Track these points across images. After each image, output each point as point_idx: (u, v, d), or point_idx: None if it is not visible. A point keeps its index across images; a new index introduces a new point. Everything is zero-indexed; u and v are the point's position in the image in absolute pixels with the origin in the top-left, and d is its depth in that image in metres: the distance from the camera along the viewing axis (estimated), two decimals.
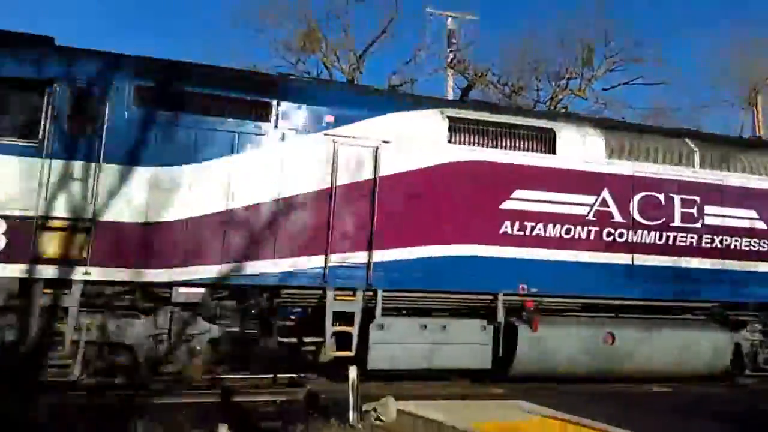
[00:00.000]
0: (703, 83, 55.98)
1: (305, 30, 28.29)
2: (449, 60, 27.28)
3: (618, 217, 11.85)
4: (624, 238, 11.82)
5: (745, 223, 12.70)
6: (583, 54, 31.11)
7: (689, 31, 52.69)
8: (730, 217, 12.57)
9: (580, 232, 11.55)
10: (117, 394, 9.38)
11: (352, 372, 8.48)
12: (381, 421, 8.47)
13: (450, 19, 26.81)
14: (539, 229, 11.35)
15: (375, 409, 8.58)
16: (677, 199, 12.25)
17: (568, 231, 11.50)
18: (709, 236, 12.36)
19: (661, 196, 12.17)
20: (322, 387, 10.61)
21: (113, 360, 9.87)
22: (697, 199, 12.36)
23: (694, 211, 12.30)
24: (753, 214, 12.75)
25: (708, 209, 12.41)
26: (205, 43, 49.04)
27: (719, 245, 12.44)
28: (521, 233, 11.27)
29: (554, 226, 11.42)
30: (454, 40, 27.49)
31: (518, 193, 11.36)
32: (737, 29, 50.24)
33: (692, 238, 12.23)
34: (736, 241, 12.54)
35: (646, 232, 11.94)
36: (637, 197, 12.03)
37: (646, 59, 30.48)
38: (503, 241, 11.18)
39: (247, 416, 8.72)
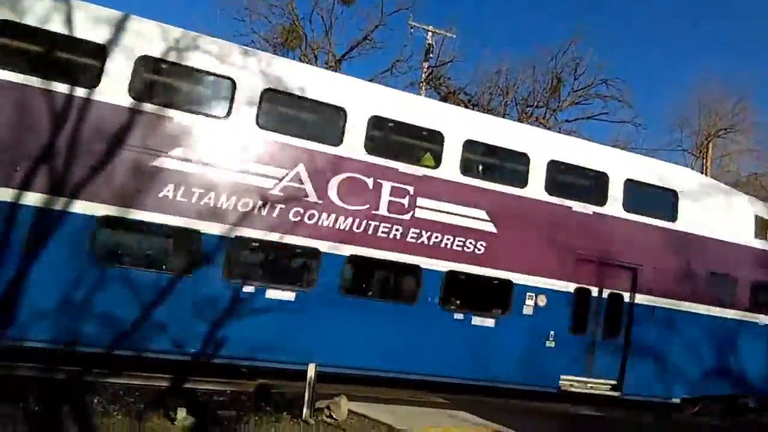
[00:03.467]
0: (661, 127, 58.45)
1: (288, 26, 28.47)
2: (425, 74, 27.85)
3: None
4: None
5: None
6: (551, 84, 32.23)
7: (658, 75, 54.95)
8: None
9: None
10: (69, 369, 9.44)
11: (311, 369, 8.81)
12: (333, 419, 8.83)
13: (430, 34, 27.37)
14: None
15: (328, 407, 8.94)
16: None
17: None
18: None
19: None
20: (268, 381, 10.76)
21: None
22: None
23: None
24: None
25: None
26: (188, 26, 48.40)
27: None
28: None
29: None
30: (431, 55, 28.10)
31: None
32: (707, 74, 52.89)
33: None
34: None
35: None
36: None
37: (611, 97, 31.75)
38: None
39: (202, 403, 8.92)
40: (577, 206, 12.35)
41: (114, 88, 9.60)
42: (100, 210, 9.44)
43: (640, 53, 54.16)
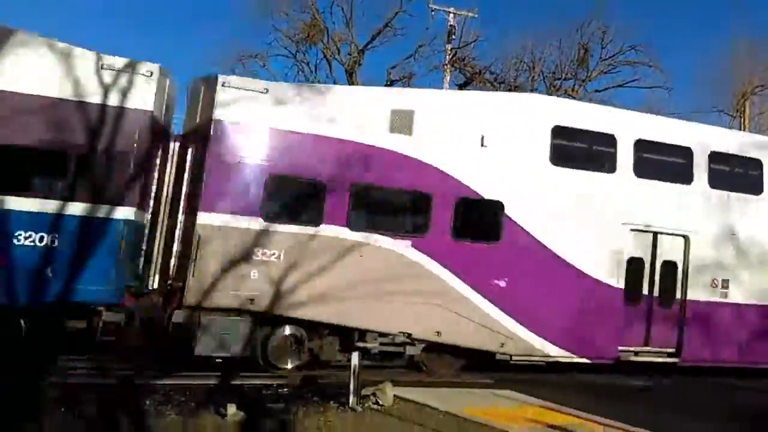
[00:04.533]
0: (695, 89, 56.71)
1: (309, 21, 28.54)
2: (449, 56, 27.62)
3: None
4: None
5: None
6: (578, 55, 31.65)
7: (687, 37, 53.38)
8: None
9: None
10: (120, 374, 9.74)
11: (355, 358, 8.90)
12: (379, 405, 8.92)
13: (452, 15, 27.12)
14: None
15: (374, 394, 9.03)
16: None
17: None
18: None
19: None
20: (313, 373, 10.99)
21: None
22: None
23: None
24: None
25: None
26: (209, 29, 49.10)
27: None
28: None
29: None
30: (454, 37, 27.84)
31: None
32: (737, 30, 51.14)
33: None
34: None
35: None
36: None
37: (640, 63, 31.04)
38: None
39: (251, 397, 9.11)
40: None
41: None
42: None
43: (668, 16, 52.62)
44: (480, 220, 12.25)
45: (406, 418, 8.61)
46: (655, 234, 13.01)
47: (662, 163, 13.48)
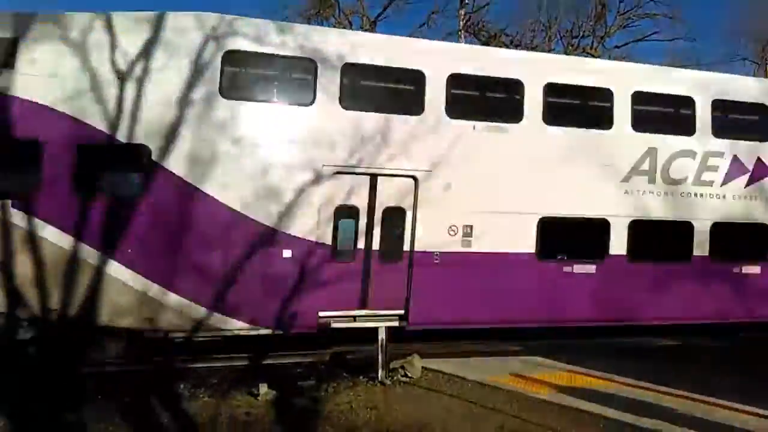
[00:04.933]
0: (717, 39, 55.04)
1: None
2: (463, 22, 27.21)
3: None
4: None
5: None
6: (596, 11, 30.92)
7: None
8: None
9: None
10: (153, 361, 9.87)
11: (382, 332, 8.99)
12: (408, 377, 9.03)
13: None
14: None
15: (402, 367, 9.15)
16: None
17: None
18: None
19: None
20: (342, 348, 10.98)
21: None
22: None
23: None
24: None
25: None
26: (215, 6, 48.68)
27: None
28: None
29: None
30: (467, 2, 27.39)
31: None
32: None
33: None
34: None
35: None
36: None
37: (660, 15, 30.23)
38: None
39: (282, 376, 9.28)
40: None
41: None
42: None
43: None
44: (114, 169, 9.93)
45: (435, 389, 8.72)
46: (374, 176, 10.57)
47: (377, 89, 11.23)
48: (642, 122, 11.68)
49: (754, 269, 12.57)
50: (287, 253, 10.08)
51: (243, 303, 9.91)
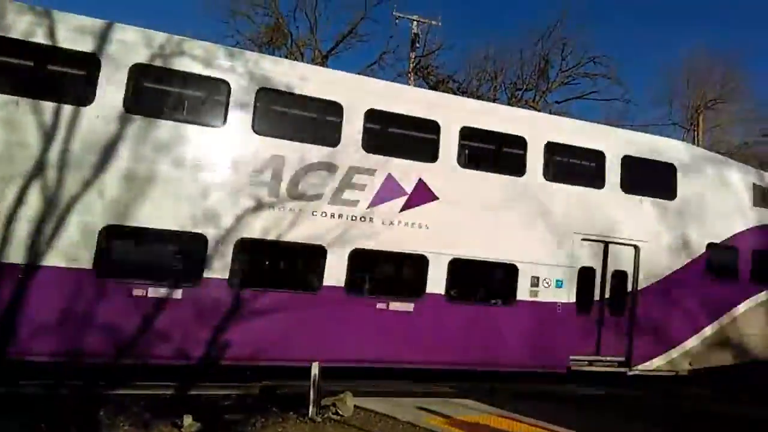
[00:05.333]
0: (652, 102, 58.31)
1: (272, 24, 28.43)
2: (413, 64, 27.79)
3: None
4: None
5: None
6: (539, 66, 32.25)
7: (645, 52, 54.84)
8: None
9: None
10: (71, 384, 9.40)
11: (315, 368, 8.82)
12: (339, 415, 8.86)
13: (415, 23, 27.26)
14: None
15: (334, 404, 8.96)
16: None
17: None
18: None
19: None
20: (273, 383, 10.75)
21: None
22: None
23: None
24: None
25: None
26: (172, 28, 48.14)
27: None
28: None
29: None
30: (418, 45, 28.02)
31: None
32: (694, 46, 52.83)
33: None
34: None
35: None
36: None
37: (599, 75, 31.79)
38: None
39: (208, 408, 8.94)
40: None
41: None
42: None
43: (626, 29, 54.05)
44: None
45: (366, 429, 8.57)
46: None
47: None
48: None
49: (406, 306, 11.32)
50: None
51: None
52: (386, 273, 11.89)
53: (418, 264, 11.40)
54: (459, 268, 11.57)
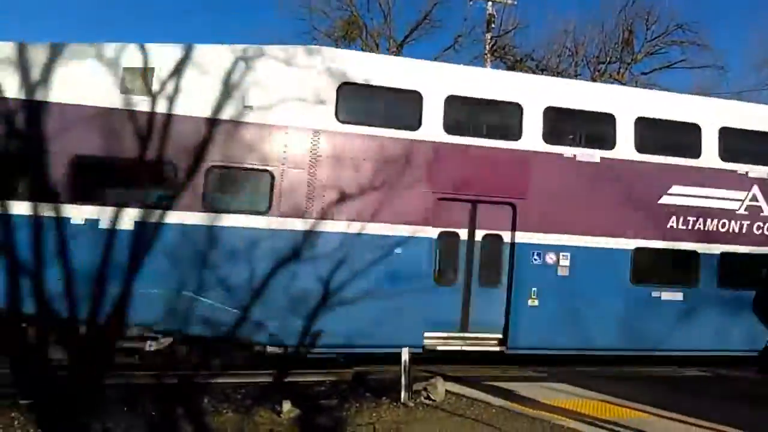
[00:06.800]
0: (747, 67, 54.65)
1: (347, 18, 28.73)
2: (489, 46, 27.34)
3: None
4: None
5: None
6: (623, 37, 30.91)
7: (735, 15, 51.40)
8: None
9: None
10: (178, 374, 9.93)
11: (405, 353, 8.96)
12: (431, 400, 8.98)
13: (490, 3, 26.76)
14: None
15: (425, 389, 9.09)
16: None
17: None
18: None
19: None
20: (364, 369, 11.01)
21: None
22: None
23: None
24: None
25: None
26: (249, 30, 49.68)
27: None
28: None
29: None
30: (493, 25, 27.50)
31: None
32: None
33: None
34: None
35: None
36: None
37: (688, 42, 30.12)
38: None
39: (304, 394, 9.28)
40: None
41: None
42: None
43: None
44: None
45: (458, 413, 8.64)
46: None
47: None
48: None
49: None
50: None
51: None
52: None
53: None
54: None
